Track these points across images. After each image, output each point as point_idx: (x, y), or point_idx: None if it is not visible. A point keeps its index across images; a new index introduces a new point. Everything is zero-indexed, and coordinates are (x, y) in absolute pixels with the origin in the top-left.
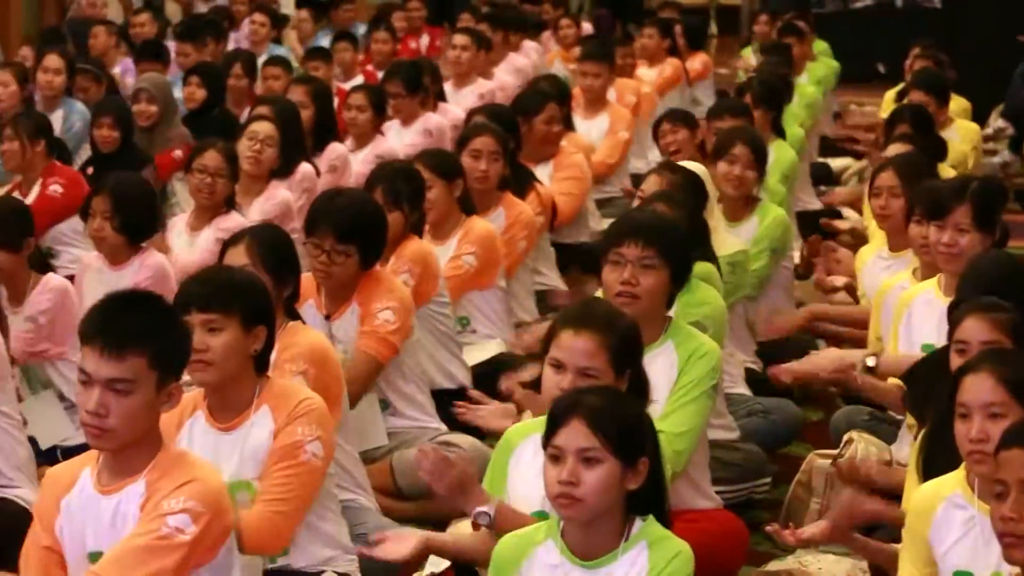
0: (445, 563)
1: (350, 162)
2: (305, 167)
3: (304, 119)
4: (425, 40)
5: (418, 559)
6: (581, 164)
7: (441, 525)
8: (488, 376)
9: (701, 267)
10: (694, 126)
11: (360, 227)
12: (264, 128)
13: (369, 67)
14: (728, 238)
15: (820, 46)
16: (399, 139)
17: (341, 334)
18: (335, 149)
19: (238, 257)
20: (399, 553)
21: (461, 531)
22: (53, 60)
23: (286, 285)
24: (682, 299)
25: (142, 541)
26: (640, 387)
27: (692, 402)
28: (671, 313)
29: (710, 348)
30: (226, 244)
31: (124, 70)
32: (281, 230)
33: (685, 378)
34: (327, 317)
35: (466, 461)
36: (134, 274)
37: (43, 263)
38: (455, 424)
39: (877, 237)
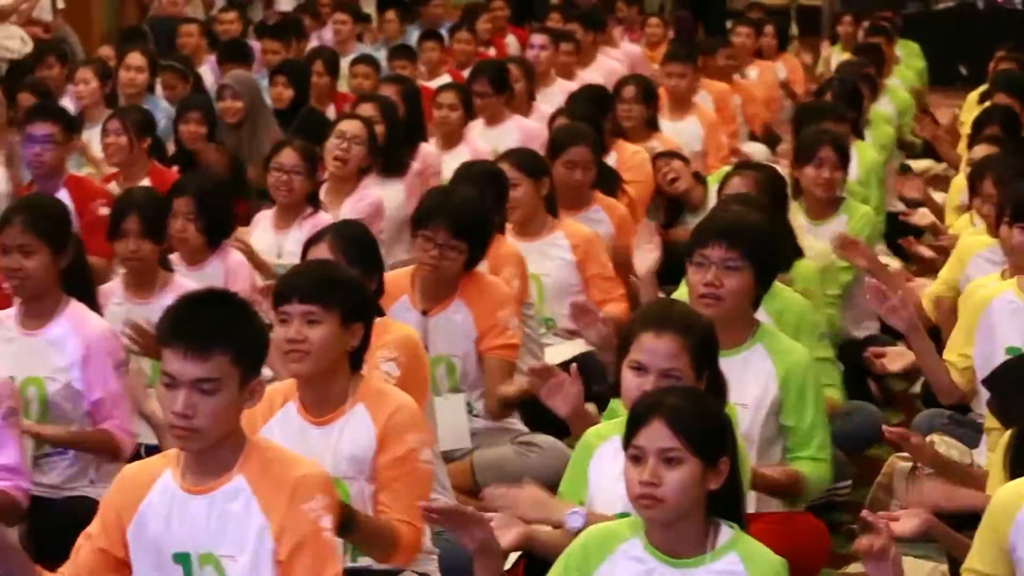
0: (515, 553)
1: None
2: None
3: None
4: (512, 40)
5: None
6: (644, 163)
7: None
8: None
9: (802, 267)
10: (684, 158)
11: (472, 224)
12: (352, 127)
13: (443, 68)
14: (809, 239)
15: (909, 47)
16: (484, 139)
17: (440, 331)
18: (424, 149)
19: (321, 254)
20: (502, 541)
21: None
22: (136, 58)
23: (371, 282)
24: (765, 302)
25: (314, 543)
26: (718, 388)
27: (823, 414)
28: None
29: (805, 355)
30: (308, 242)
31: (208, 68)
32: (364, 227)
33: (810, 395)
34: (424, 313)
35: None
36: (214, 274)
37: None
38: (536, 425)
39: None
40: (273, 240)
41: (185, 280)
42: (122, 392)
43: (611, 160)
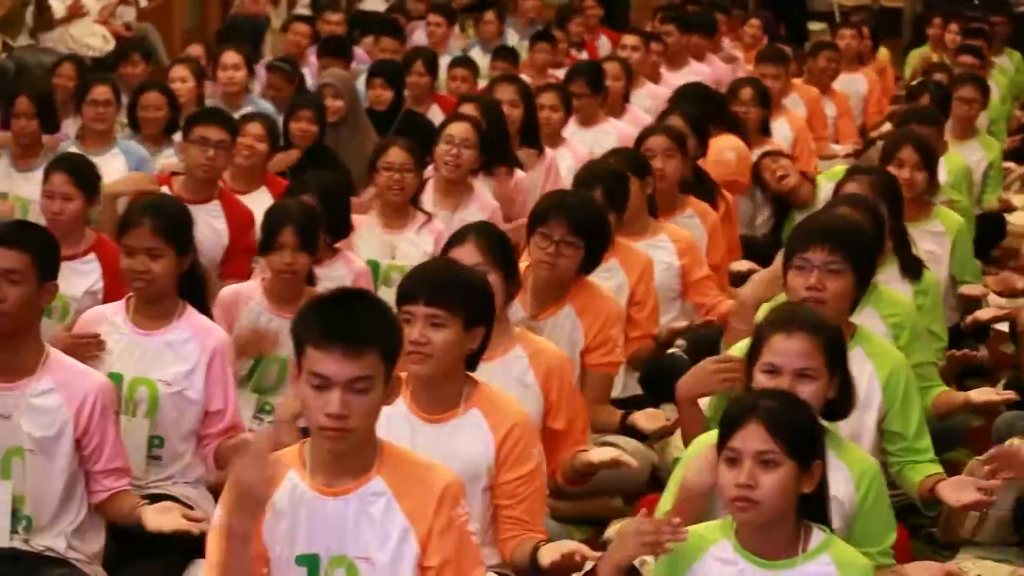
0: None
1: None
2: (519, 174)
3: (515, 118)
4: (605, 41)
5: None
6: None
7: (601, 524)
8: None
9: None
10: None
11: (592, 224)
12: (461, 130)
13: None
14: None
15: (1014, 56)
16: (580, 140)
17: (547, 335)
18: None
19: (466, 255)
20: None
21: (622, 530)
22: (232, 56)
23: (510, 285)
24: (873, 304)
25: (464, 549)
26: (848, 388)
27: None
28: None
29: (902, 358)
30: (450, 242)
31: (311, 65)
32: (499, 228)
33: (914, 399)
34: (533, 317)
35: None
36: (341, 276)
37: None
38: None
39: None
40: (384, 240)
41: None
42: (237, 402)
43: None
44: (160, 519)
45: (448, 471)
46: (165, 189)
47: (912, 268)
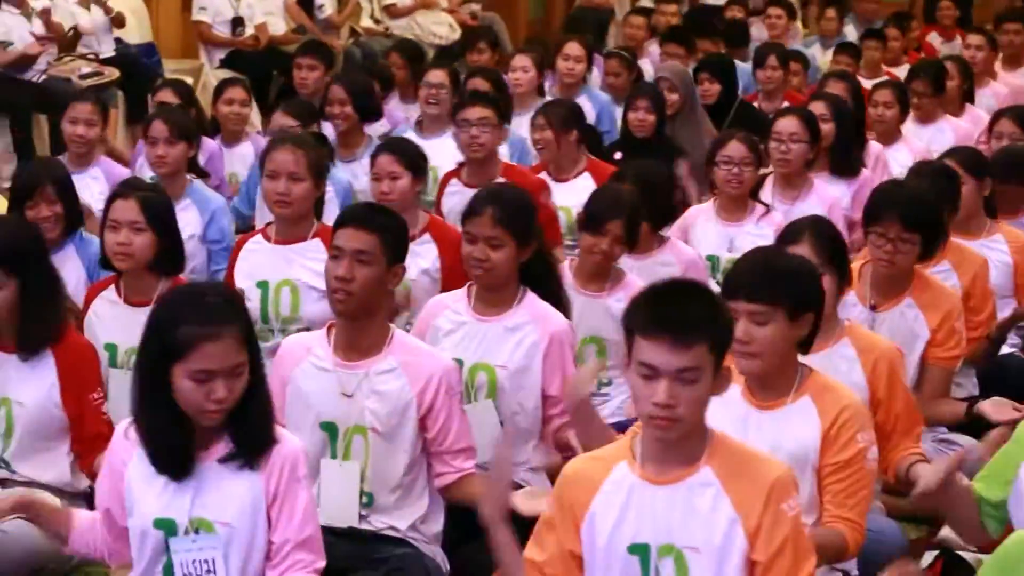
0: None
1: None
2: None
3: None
4: (957, 42)
5: None
6: None
7: (936, 523)
8: None
9: None
10: None
11: (924, 217)
12: (789, 124)
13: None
14: None
15: None
16: (917, 138)
17: (886, 327)
18: (873, 147)
19: (801, 254)
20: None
21: None
22: (574, 47)
23: (845, 281)
24: None
25: (794, 542)
26: None
27: None
28: None
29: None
30: (785, 237)
31: (650, 57)
32: (835, 226)
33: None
34: (873, 308)
35: None
36: (667, 264)
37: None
38: None
39: None
40: (722, 232)
41: (633, 277)
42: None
43: None
44: (532, 504)
45: (779, 464)
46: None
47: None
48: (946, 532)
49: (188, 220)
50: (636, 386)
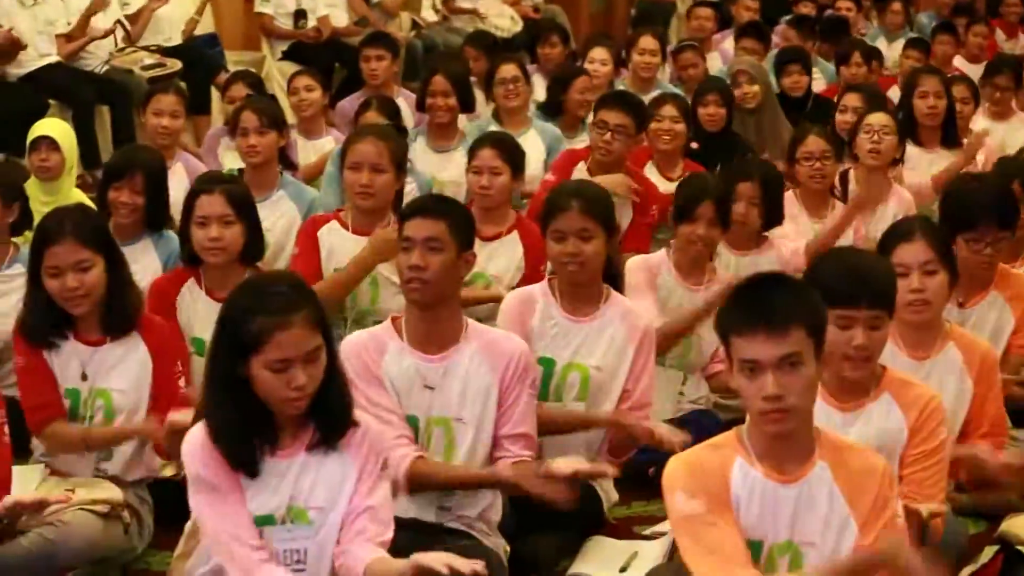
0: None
1: None
2: None
3: (939, 110)
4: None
5: None
6: None
7: (997, 518)
8: None
9: None
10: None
11: (1016, 215)
12: (880, 119)
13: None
14: None
15: None
16: (992, 133)
17: (973, 321)
18: None
19: (917, 252)
20: None
21: None
22: (649, 41)
23: (955, 278)
24: None
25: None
26: None
27: None
28: None
29: None
30: (895, 235)
31: (721, 51)
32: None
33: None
34: (960, 305)
35: None
36: (768, 261)
37: None
38: None
39: None
40: (810, 227)
41: (725, 273)
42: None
43: None
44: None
45: (880, 457)
46: (582, 166)
47: None
48: (1007, 527)
49: (284, 210)
50: (743, 387)
